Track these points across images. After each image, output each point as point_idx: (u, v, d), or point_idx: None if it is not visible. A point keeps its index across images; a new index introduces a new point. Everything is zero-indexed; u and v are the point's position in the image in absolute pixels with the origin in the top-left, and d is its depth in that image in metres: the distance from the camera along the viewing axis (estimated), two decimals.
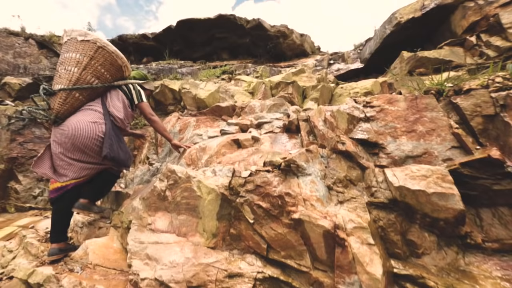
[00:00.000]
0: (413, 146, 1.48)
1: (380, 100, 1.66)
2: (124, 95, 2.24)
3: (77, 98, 1.98)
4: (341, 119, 1.69)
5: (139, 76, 2.52)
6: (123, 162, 2.08)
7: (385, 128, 1.58)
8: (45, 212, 4.17)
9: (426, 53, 2.93)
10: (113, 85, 2.16)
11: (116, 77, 2.17)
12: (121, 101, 2.20)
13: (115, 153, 1.97)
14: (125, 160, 2.11)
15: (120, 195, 2.69)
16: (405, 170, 1.33)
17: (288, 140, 2.23)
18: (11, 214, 4.25)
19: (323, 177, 1.52)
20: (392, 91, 2.30)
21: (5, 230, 3.63)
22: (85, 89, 1.99)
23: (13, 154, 4.53)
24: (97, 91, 2.09)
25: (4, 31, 7.60)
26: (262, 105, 2.84)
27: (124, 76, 2.24)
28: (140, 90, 2.32)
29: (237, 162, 1.98)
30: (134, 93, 2.28)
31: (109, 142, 1.94)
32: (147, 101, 2.33)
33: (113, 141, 1.99)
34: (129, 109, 2.27)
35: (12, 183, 4.48)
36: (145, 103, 2.30)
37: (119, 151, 2.03)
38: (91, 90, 2.03)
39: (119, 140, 2.10)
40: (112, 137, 1.99)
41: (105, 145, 1.93)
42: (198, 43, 6.83)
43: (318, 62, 5.27)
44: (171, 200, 1.80)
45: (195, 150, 2.62)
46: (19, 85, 5.87)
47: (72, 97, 1.95)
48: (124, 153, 2.13)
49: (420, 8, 3.47)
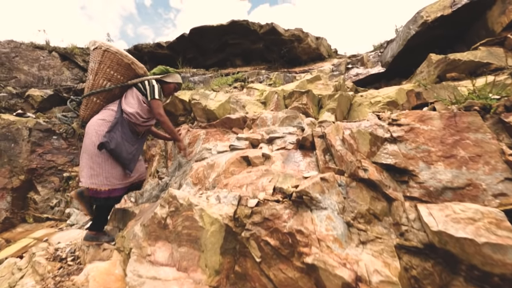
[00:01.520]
0: (452, 176, 1.22)
1: (410, 117, 1.41)
2: (139, 92, 2.19)
3: (95, 102, 2.15)
4: (362, 140, 1.45)
5: (159, 71, 2.41)
6: (123, 159, 2.03)
7: (416, 152, 1.33)
8: (61, 224, 4.21)
9: (458, 55, 2.59)
10: (127, 84, 2.18)
11: (129, 76, 2.19)
12: (135, 97, 2.17)
13: (115, 146, 1.94)
14: (126, 159, 2.04)
15: (127, 214, 2.60)
16: (445, 209, 1.07)
17: (302, 159, 2.01)
18: (30, 225, 4.34)
19: (341, 211, 1.29)
20: (421, 102, 2.02)
21: (21, 242, 3.68)
22: (100, 93, 2.11)
23: (32, 165, 4.65)
24: (113, 93, 2.18)
25: (30, 45, 7.98)
26: (274, 118, 2.64)
27: (139, 74, 2.22)
28: (155, 86, 2.20)
29: (245, 186, 1.79)
30: (148, 89, 2.19)
31: (111, 134, 1.95)
32: (159, 99, 2.19)
33: (117, 136, 1.99)
34: (144, 104, 2.19)
35: (31, 194, 4.59)
36: (156, 101, 2.18)
37: (122, 146, 2.00)
38: (106, 92, 2.14)
39: (127, 138, 2.08)
40: (117, 131, 2.00)
41: (105, 135, 1.93)
42: (211, 50, 6.78)
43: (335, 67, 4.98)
44: (172, 229, 1.65)
45: (202, 167, 2.47)
46: (41, 97, 6.09)
47: (91, 102, 2.14)
48: (127, 152, 2.08)
49: (450, 4, 3.12)
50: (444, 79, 2.74)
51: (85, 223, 3.94)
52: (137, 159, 2.24)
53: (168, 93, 2.48)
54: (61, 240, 3.45)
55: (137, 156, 2.24)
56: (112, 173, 2.05)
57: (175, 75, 2.47)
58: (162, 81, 2.38)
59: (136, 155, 2.23)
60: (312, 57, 6.86)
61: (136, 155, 2.22)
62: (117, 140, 1.99)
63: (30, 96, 6.05)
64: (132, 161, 2.16)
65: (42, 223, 4.33)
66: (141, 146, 2.33)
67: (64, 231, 3.87)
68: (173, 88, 2.46)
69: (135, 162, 2.20)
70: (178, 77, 2.49)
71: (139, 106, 2.17)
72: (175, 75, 2.47)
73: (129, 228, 2.15)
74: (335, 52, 7.78)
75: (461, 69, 2.60)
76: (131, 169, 2.15)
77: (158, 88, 2.21)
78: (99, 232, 2.25)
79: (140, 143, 2.32)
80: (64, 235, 3.68)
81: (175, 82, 2.46)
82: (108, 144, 1.92)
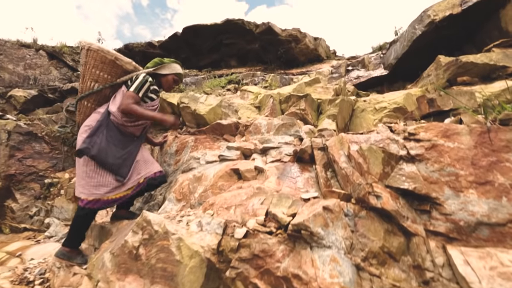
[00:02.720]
0: (489, 208, 0.97)
1: (431, 131, 1.17)
2: (128, 89, 1.96)
3: (87, 106, 2.03)
4: (373, 159, 1.20)
5: (153, 64, 2.16)
6: (110, 165, 1.85)
7: (440, 175, 1.08)
8: (39, 235, 3.90)
9: (471, 57, 2.37)
10: (116, 83, 2.03)
11: (117, 74, 2.04)
12: (121, 95, 1.96)
13: (97, 152, 1.79)
14: (113, 164, 1.85)
15: (104, 231, 2.32)
16: (487, 258, 0.82)
17: (300, 174, 1.76)
18: (5, 236, 4.03)
19: (349, 250, 1.04)
20: (434, 109, 1.78)
21: None
22: (89, 96, 2.01)
23: (11, 171, 4.33)
24: (104, 94, 2.04)
25: (16, 43, 7.64)
26: (269, 124, 2.39)
27: (128, 70, 2.05)
28: (138, 78, 1.94)
29: (233, 207, 1.53)
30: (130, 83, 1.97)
31: (92, 139, 1.81)
32: (134, 91, 1.90)
33: (101, 140, 1.84)
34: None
35: (8, 202, 4.27)
36: (128, 92, 1.89)
37: (106, 151, 1.83)
38: (96, 94, 2.01)
39: (115, 141, 1.89)
40: (100, 135, 1.85)
41: (85, 140, 1.80)
42: (205, 50, 6.51)
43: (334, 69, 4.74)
44: (144, 261, 1.38)
45: (188, 181, 2.21)
46: (24, 97, 5.76)
47: (83, 106, 2.03)
48: (115, 157, 1.86)
49: (460, 2, 2.90)
50: (454, 83, 2.51)
51: (64, 235, 3.64)
52: (130, 163, 1.98)
53: (168, 86, 2.21)
54: (35, 255, 3.16)
55: (129, 160, 1.98)
56: (100, 182, 1.85)
57: (171, 65, 2.19)
58: (158, 74, 2.14)
59: (129, 159, 1.98)
60: (310, 58, 6.63)
61: (128, 159, 1.97)
62: (100, 145, 1.83)
63: (12, 97, 5.72)
64: (122, 166, 1.92)
65: (19, 233, 4.01)
66: (136, 148, 2.06)
67: (40, 244, 3.57)
68: (172, 80, 2.19)
69: (127, 166, 1.96)
70: (175, 67, 2.21)
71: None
72: (171, 65, 2.19)
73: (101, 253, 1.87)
74: (334, 54, 7.56)
75: (474, 73, 2.38)
76: (122, 174, 1.91)
77: (141, 81, 1.94)
78: (73, 250, 2.02)
79: (136, 145, 2.07)
80: (40, 250, 3.37)
81: (173, 73, 2.19)
82: (89, 150, 1.78)
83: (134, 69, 2.08)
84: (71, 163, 4.94)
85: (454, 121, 1.22)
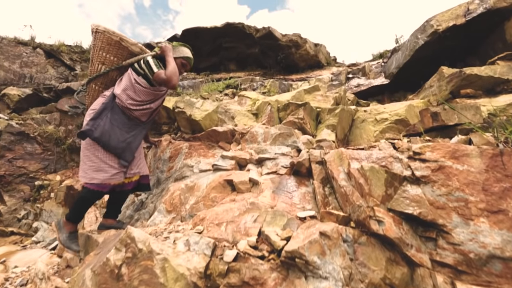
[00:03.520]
0: (503, 240, 0.88)
1: (438, 151, 1.08)
2: (135, 72, 1.92)
3: (95, 89, 2.04)
4: (375, 180, 1.11)
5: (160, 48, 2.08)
6: (113, 148, 1.80)
7: (447, 200, 1.00)
8: (26, 239, 3.77)
9: (475, 69, 2.30)
10: (122, 66, 1.99)
11: (123, 56, 2.00)
12: (128, 78, 1.92)
13: (100, 134, 1.76)
14: (117, 148, 1.81)
15: (90, 241, 2.20)
16: None
17: (296, 188, 1.67)
18: None
19: (347, 281, 0.94)
20: (439, 124, 1.70)
21: None
22: (97, 78, 2.00)
23: (0, 172, 4.21)
24: (111, 77, 2.02)
25: (13, 40, 7.54)
26: (266, 133, 2.30)
27: (134, 52, 2.00)
28: (149, 61, 1.90)
29: (224, 224, 1.44)
30: (145, 67, 1.90)
31: (96, 122, 1.78)
32: (159, 69, 1.87)
33: (104, 122, 1.80)
34: (138, 85, 1.90)
35: None
36: (157, 73, 1.85)
37: (110, 134, 1.79)
38: (103, 77, 2.01)
39: (119, 124, 1.85)
40: (104, 118, 1.81)
41: (88, 122, 1.77)
42: (204, 53, 6.43)
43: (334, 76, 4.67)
44: (127, 282, 1.27)
45: (179, 191, 2.11)
46: (18, 96, 5.65)
47: (91, 89, 2.05)
48: (118, 140, 1.81)
49: (464, 13, 2.85)
50: (457, 95, 2.44)
51: (51, 241, 3.52)
52: (134, 148, 1.93)
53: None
54: (19, 262, 3.04)
55: (134, 145, 1.92)
56: (101, 167, 1.82)
57: (179, 48, 2.10)
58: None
59: (133, 144, 1.92)
60: (310, 64, 6.57)
61: (132, 143, 1.91)
62: (104, 127, 1.79)
63: (6, 95, 5.61)
64: (126, 150, 1.86)
65: (6, 238, 3.86)
66: (141, 134, 2.00)
67: (27, 250, 3.45)
68: (180, 64, 2.08)
69: (131, 151, 1.90)
70: (183, 50, 2.11)
71: (130, 88, 1.90)
72: (179, 48, 2.10)
73: (83, 268, 1.76)
74: (334, 60, 7.52)
75: (478, 85, 2.31)
76: (126, 159, 1.86)
77: (154, 61, 1.90)
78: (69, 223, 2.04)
79: (141, 130, 2.00)
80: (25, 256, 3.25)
81: (180, 56, 2.08)
82: (91, 133, 1.75)
83: (140, 51, 2.03)
84: (63, 164, 4.82)
85: (463, 141, 1.13)
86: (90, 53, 2.07)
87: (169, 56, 1.93)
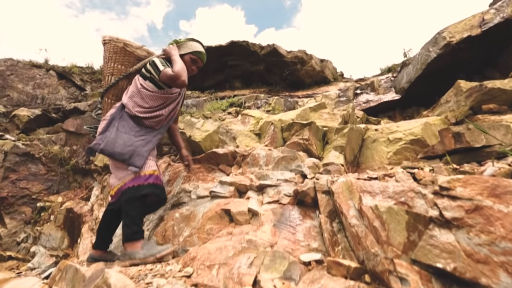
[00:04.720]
0: None
1: (472, 186, 0.88)
2: (142, 77, 1.80)
3: (108, 102, 1.98)
4: (395, 224, 0.91)
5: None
6: (118, 154, 1.66)
7: (491, 251, 0.78)
8: (23, 265, 3.64)
9: (498, 83, 2.09)
10: (130, 73, 1.90)
11: (130, 63, 1.93)
12: (135, 85, 1.81)
13: (105, 145, 1.65)
14: (121, 153, 1.65)
15: (77, 276, 2.03)
16: None
17: (300, 222, 1.47)
18: None
19: None
20: (462, 146, 1.49)
21: None
22: (108, 91, 1.95)
23: (3, 194, 4.16)
24: (120, 87, 1.93)
25: (28, 63, 7.84)
26: (268, 156, 2.13)
27: (141, 56, 1.92)
28: (155, 61, 1.76)
29: (216, 267, 1.24)
30: (151, 69, 1.76)
31: (104, 135, 1.68)
32: (164, 67, 1.70)
33: (111, 132, 1.69)
34: (144, 90, 1.76)
35: None
36: (163, 71, 1.69)
37: (115, 141, 1.67)
38: (113, 89, 1.94)
39: (127, 130, 1.72)
40: (111, 128, 1.71)
41: (97, 137, 1.71)
42: (209, 71, 6.46)
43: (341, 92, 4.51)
44: None
45: (173, 221, 1.94)
46: (27, 117, 5.74)
47: (105, 103, 2.00)
48: (124, 145, 1.66)
49: (479, 24, 2.68)
50: (479, 111, 2.23)
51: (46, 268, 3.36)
52: (144, 152, 1.71)
53: (186, 68, 1.84)
54: None
55: (144, 149, 1.71)
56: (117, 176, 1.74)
57: (187, 43, 1.91)
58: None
59: (143, 148, 1.71)
60: (316, 80, 6.47)
61: (141, 146, 1.70)
62: (109, 137, 1.68)
63: (16, 116, 5.71)
64: (134, 154, 1.66)
65: (3, 263, 3.74)
66: (153, 140, 1.81)
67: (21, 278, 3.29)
68: (189, 60, 1.89)
69: (141, 155, 1.68)
70: (192, 45, 1.91)
71: (137, 94, 1.78)
72: (187, 44, 1.91)
73: None
74: (341, 75, 7.40)
75: (502, 100, 2.09)
76: (135, 164, 1.64)
77: (161, 60, 1.76)
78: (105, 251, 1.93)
79: (155, 135, 1.83)
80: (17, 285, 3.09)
81: (189, 52, 1.89)
82: (98, 146, 1.66)
83: (147, 54, 1.94)
84: (66, 185, 4.76)
85: (503, 173, 0.93)
86: (100, 73, 2.10)
87: (174, 55, 1.77)
